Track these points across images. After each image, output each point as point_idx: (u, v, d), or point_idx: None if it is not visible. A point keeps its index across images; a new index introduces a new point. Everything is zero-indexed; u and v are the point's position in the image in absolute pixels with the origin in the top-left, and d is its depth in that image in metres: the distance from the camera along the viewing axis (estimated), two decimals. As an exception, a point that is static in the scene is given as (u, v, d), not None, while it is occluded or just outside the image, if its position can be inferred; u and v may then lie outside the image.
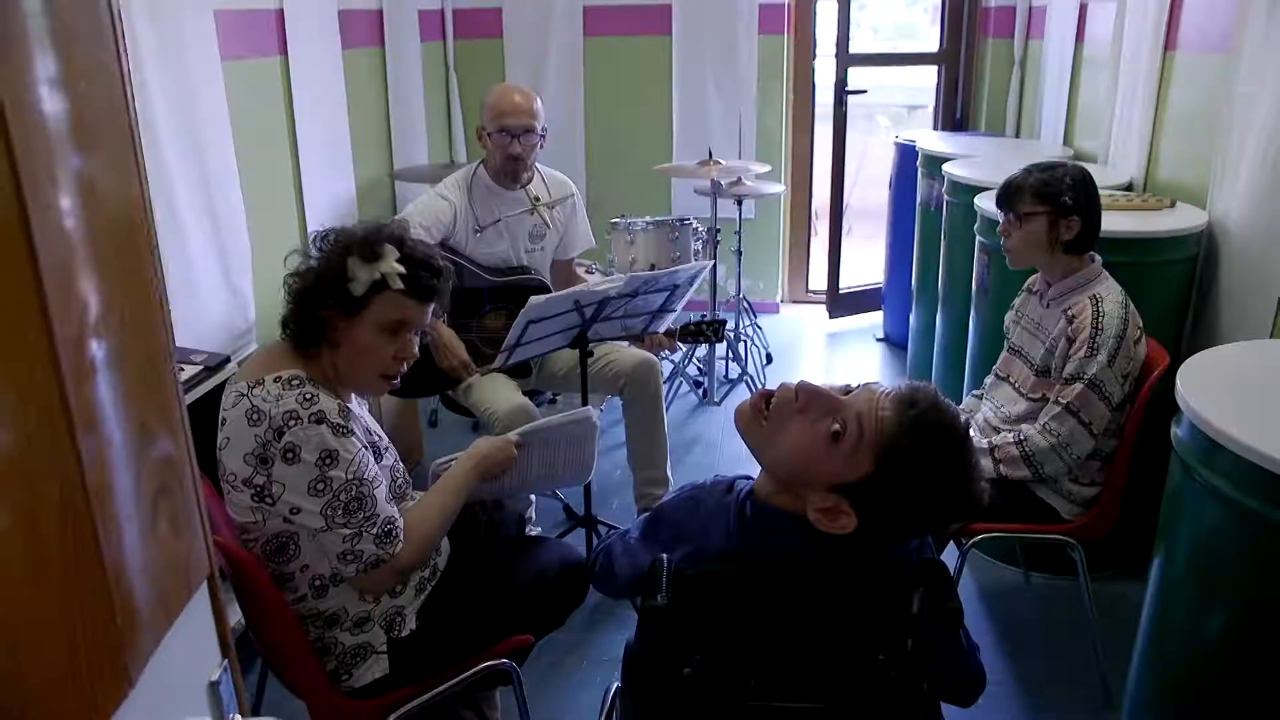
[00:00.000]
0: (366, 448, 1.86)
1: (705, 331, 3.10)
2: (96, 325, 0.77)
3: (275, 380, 1.78)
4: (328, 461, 1.78)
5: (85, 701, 0.73)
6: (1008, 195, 2.55)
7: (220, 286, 3.43)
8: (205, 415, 2.61)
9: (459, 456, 2.12)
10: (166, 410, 0.90)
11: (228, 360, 2.70)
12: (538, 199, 3.18)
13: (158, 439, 0.87)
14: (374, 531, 1.84)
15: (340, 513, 1.80)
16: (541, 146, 3.15)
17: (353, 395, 1.98)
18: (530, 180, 3.21)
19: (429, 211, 3.06)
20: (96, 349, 0.77)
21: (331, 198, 4.30)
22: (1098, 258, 2.55)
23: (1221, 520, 1.79)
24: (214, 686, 0.97)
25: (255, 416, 1.75)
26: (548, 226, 3.26)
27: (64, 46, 0.74)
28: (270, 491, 1.79)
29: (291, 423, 1.75)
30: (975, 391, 2.90)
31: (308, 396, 1.77)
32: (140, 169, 0.87)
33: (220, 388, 2.62)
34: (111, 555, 0.76)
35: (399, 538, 1.89)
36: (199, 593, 0.96)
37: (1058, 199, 2.46)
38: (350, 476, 1.80)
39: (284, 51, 3.87)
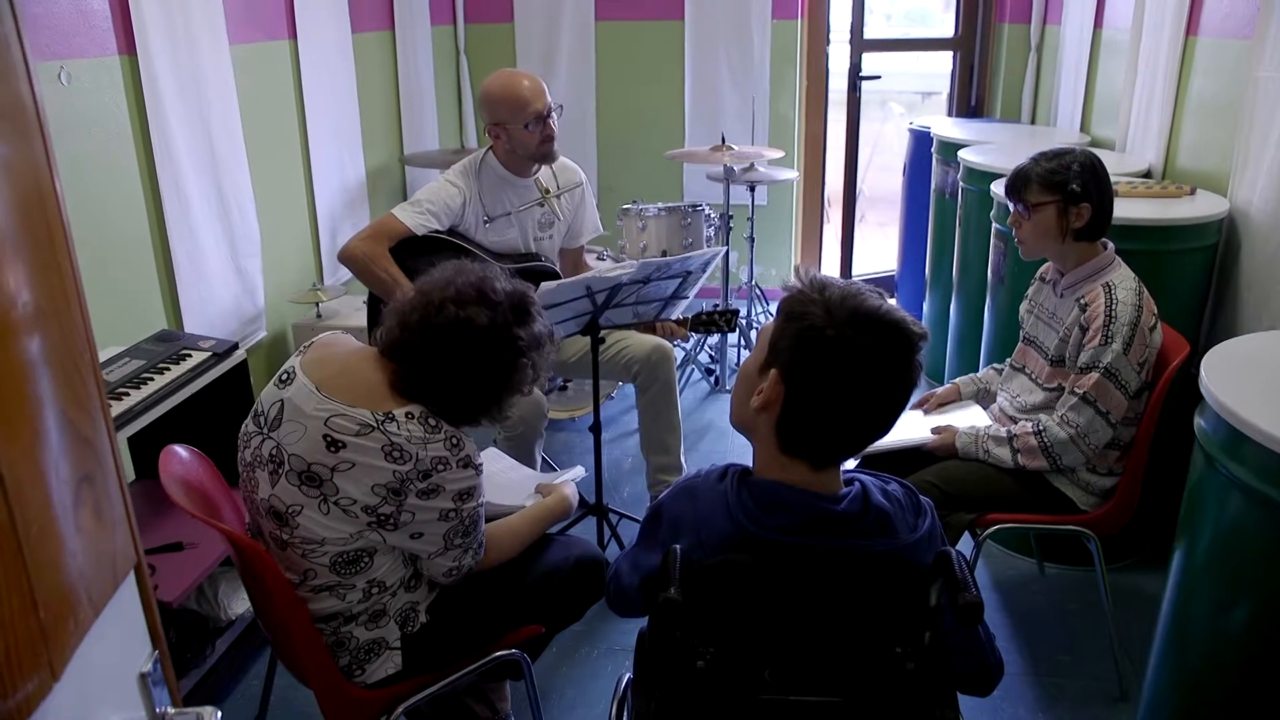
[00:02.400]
0: None
1: (718, 321, 3.06)
2: (12, 315, 0.75)
3: (409, 417, 1.74)
4: (464, 497, 1.82)
5: (6, 695, 0.71)
6: (1015, 186, 2.50)
7: (229, 272, 3.41)
8: (213, 402, 2.61)
9: (559, 488, 2.28)
10: (86, 398, 0.88)
11: (235, 347, 2.68)
12: (548, 191, 3.14)
13: (78, 428, 0.86)
14: (474, 548, 1.93)
15: (459, 536, 1.86)
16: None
17: None
18: (539, 168, 3.17)
19: (439, 198, 3.02)
20: (11, 339, 0.75)
21: (341, 182, 4.28)
22: (1110, 245, 2.51)
23: (1245, 512, 1.76)
24: (144, 678, 0.96)
25: (397, 454, 1.72)
26: (557, 217, 3.23)
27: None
28: (396, 520, 1.78)
29: (440, 467, 1.76)
30: (995, 365, 2.87)
31: (454, 441, 1.77)
32: (49, 153, 0.85)
33: (232, 374, 2.64)
34: (31, 547, 0.75)
35: (484, 547, 1.98)
36: (126, 583, 0.94)
37: (1065, 187, 2.42)
38: (477, 504, 1.86)
39: (293, 35, 3.84)
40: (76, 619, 0.82)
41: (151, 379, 2.42)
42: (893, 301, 1.43)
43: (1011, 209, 2.54)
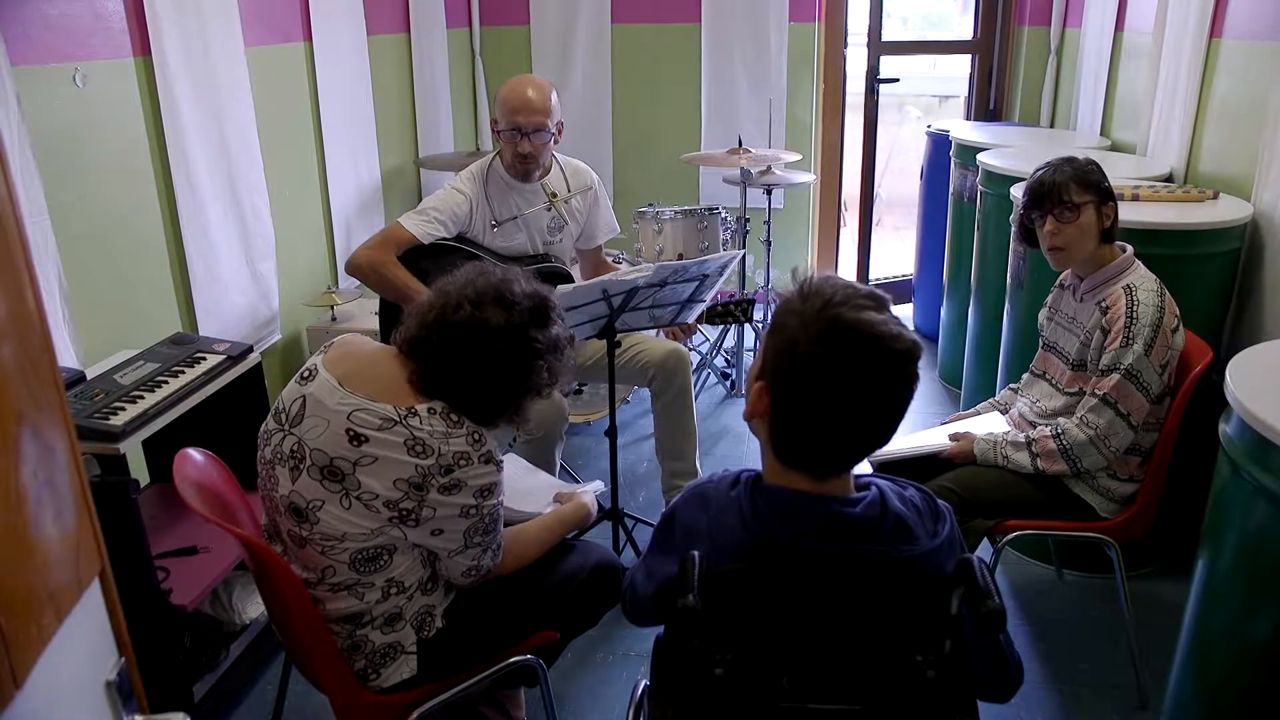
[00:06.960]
0: None
1: (734, 312, 3.06)
2: None
3: (431, 413, 1.75)
4: (485, 494, 1.81)
5: None
6: (1054, 191, 2.44)
7: (243, 275, 3.41)
8: (228, 406, 2.60)
9: (578, 496, 2.28)
10: (47, 403, 0.88)
11: (250, 350, 2.67)
12: (554, 194, 3.11)
13: (39, 433, 0.85)
14: (494, 548, 1.92)
15: (479, 534, 1.86)
16: (556, 142, 3.07)
17: None
18: (548, 174, 3.15)
19: (445, 206, 3.01)
20: None
21: (356, 185, 4.28)
22: (1129, 247, 2.49)
23: (1271, 520, 1.73)
24: (110, 686, 0.95)
25: (420, 449, 1.73)
26: (566, 221, 3.21)
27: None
28: (418, 515, 1.77)
29: (462, 463, 1.75)
30: (1012, 385, 2.85)
31: (476, 437, 1.77)
32: (2, 156, 0.83)
33: (247, 377, 2.63)
34: None
35: (502, 549, 1.97)
36: (91, 589, 0.94)
37: (1100, 185, 2.43)
38: (497, 502, 1.86)
39: (308, 37, 3.85)
40: (40, 625, 0.82)
41: (166, 382, 2.41)
42: (876, 313, 1.37)
43: (1048, 220, 2.47)
